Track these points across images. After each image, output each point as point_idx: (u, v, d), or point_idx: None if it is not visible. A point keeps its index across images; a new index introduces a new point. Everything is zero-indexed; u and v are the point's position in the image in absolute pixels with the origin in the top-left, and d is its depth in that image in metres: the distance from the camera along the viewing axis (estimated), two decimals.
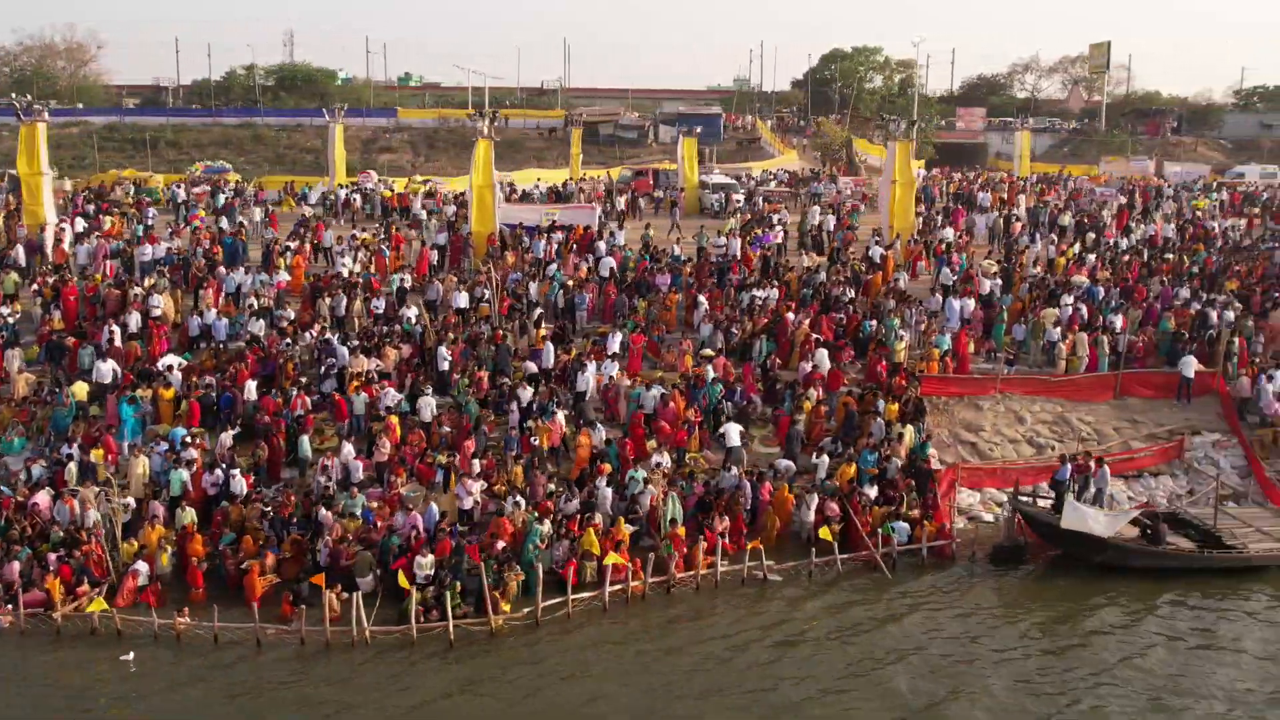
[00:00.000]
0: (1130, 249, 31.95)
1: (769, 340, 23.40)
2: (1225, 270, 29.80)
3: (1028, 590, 18.01)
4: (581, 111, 69.34)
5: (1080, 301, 25.81)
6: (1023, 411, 23.16)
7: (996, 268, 27.79)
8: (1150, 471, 22.14)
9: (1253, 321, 26.02)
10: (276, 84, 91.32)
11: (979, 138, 77.14)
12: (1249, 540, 18.60)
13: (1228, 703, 14.33)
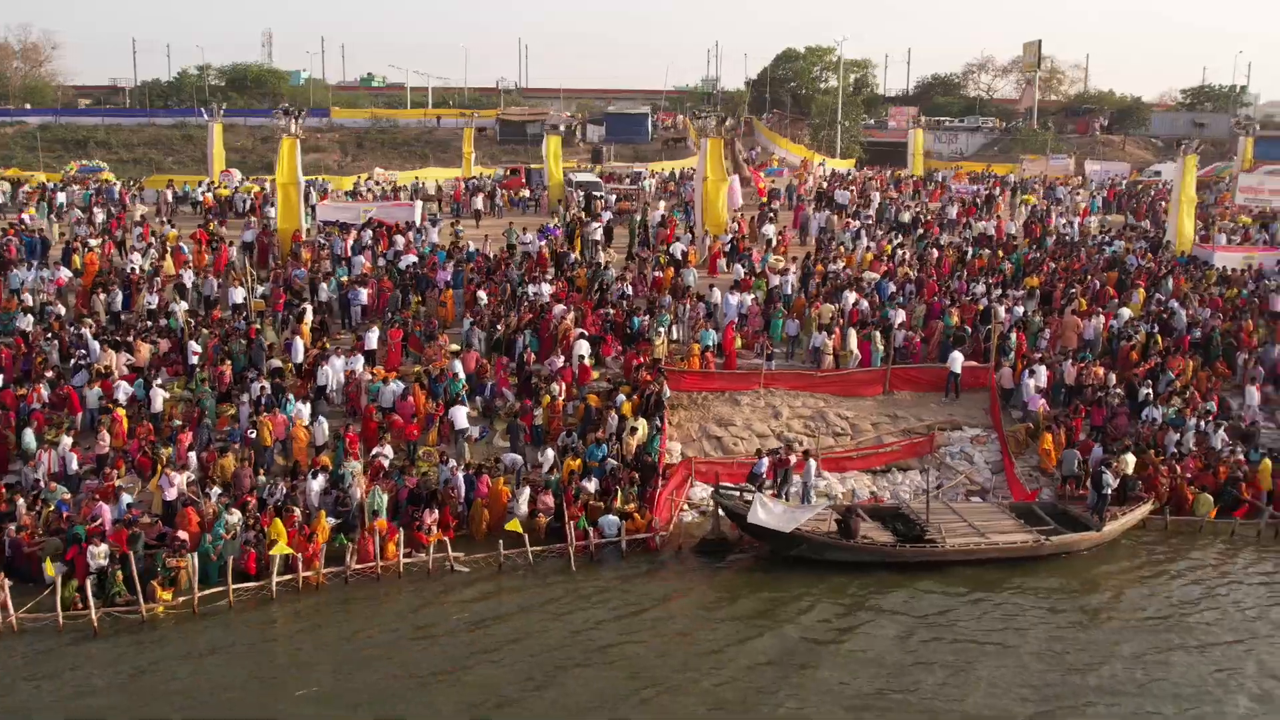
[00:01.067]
0: (952, 245, 31.92)
1: (533, 335, 23.53)
2: (1037, 266, 29.78)
3: (700, 582, 18.02)
4: (509, 111, 69.63)
5: (866, 297, 25.85)
6: (782, 407, 23.22)
7: (784, 263, 27.84)
8: (899, 466, 22.22)
9: (1040, 318, 26.02)
10: (228, 84, 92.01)
11: (908, 137, 76.78)
12: (949, 535, 18.60)
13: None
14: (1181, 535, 20.11)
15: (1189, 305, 26.72)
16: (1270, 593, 17.86)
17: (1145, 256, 31.56)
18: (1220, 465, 21.15)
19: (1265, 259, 30.79)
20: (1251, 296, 27.95)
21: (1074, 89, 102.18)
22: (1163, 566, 18.94)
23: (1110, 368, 24.38)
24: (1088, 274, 29.28)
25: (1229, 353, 25.26)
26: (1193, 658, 15.49)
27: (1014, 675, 14.86)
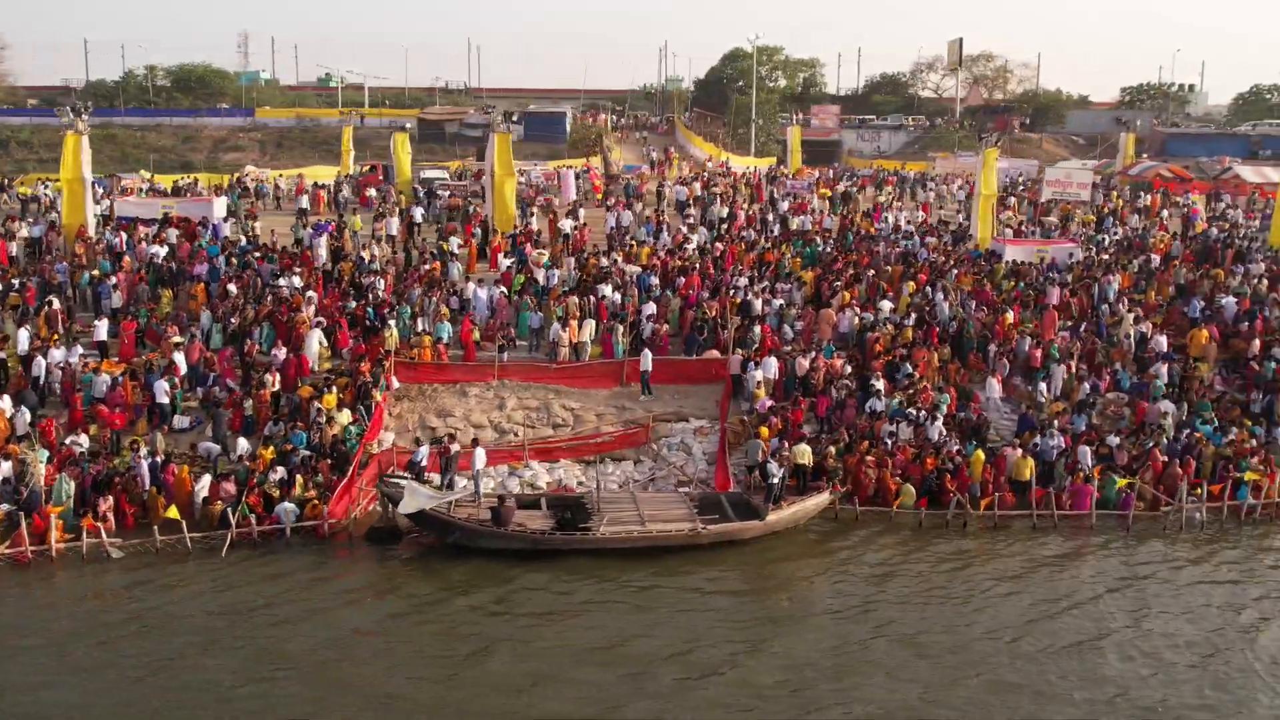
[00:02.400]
0: (742, 238, 32.04)
1: (270, 327, 23.76)
2: (828, 260, 29.90)
3: (350, 568, 18.12)
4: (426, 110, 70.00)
5: (622, 291, 26.01)
6: (510, 398, 23.38)
7: (545, 256, 28.00)
8: (613, 456, 22.34)
9: (797, 310, 26.14)
10: (173, 85, 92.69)
11: (833, 135, 76.99)
12: (611, 524, 18.69)
13: None
14: (875, 525, 20.19)
15: (951, 298, 26.76)
16: (916, 578, 17.94)
17: (938, 250, 31.60)
18: (928, 457, 21.22)
19: (1057, 252, 30.78)
20: (1027, 289, 27.98)
21: (1022, 87, 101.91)
22: (834, 555, 19.02)
23: (859, 360, 24.49)
24: (872, 268, 29.34)
25: (983, 345, 25.34)
26: (796, 639, 15.71)
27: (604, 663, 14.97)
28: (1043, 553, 19.09)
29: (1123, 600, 17.19)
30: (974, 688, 14.43)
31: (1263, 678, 14.78)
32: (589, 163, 50.22)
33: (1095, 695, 14.25)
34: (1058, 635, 15.85)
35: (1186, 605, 17.03)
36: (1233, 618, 16.67)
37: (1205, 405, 23.64)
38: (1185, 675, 14.83)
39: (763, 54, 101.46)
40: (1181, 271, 29.87)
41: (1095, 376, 24.71)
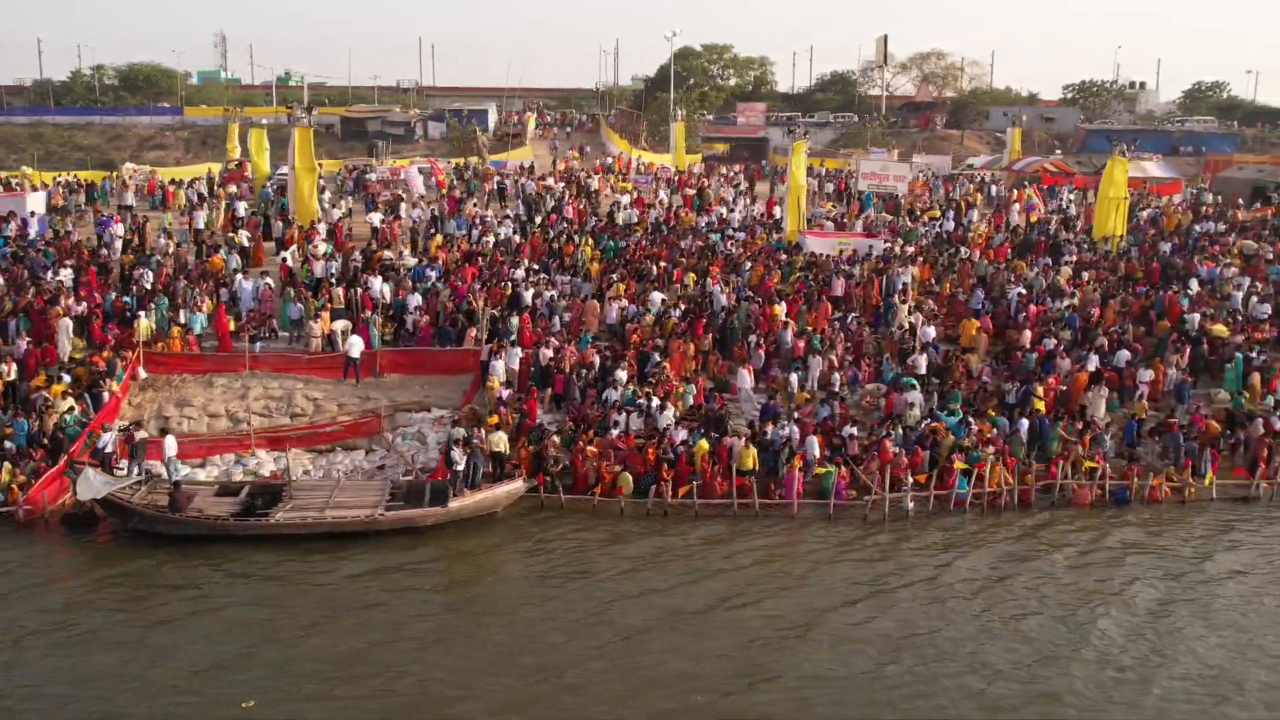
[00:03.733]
0: (548, 230, 32.20)
1: (26, 317, 23.97)
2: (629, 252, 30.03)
3: (33, 554, 18.39)
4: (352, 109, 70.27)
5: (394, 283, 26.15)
6: (256, 388, 23.53)
7: (322, 248, 28.17)
8: (345, 445, 22.48)
9: (566, 301, 26.25)
10: (120, 84, 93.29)
11: (759, 132, 76.97)
12: (286, 511, 18.79)
13: None
14: (580, 514, 20.22)
15: (727, 290, 26.81)
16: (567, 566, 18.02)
17: (744, 244, 31.68)
18: (649, 447, 21.28)
19: (860, 244, 30.76)
20: (810, 280, 28.02)
21: (973, 84, 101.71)
22: (515, 543, 19.09)
23: (618, 350, 24.57)
24: (669, 260, 29.41)
25: (747, 335, 25.38)
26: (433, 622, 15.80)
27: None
28: (730, 543, 19.06)
29: (756, 587, 17.14)
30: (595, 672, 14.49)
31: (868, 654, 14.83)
32: (434, 160, 50.16)
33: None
34: (711, 624, 15.88)
35: (802, 588, 17.15)
36: (847, 599, 16.78)
37: (955, 396, 23.64)
38: (806, 650, 15.07)
39: (711, 52, 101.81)
40: (983, 264, 29.84)
41: (856, 368, 24.72)
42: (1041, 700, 13.90)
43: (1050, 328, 26.17)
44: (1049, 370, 24.48)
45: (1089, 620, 16.07)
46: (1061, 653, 15.09)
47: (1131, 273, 30.16)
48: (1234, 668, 14.81)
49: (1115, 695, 14.07)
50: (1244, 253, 32.19)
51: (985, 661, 14.85)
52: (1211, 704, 13.88)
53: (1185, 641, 15.50)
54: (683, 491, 20.36)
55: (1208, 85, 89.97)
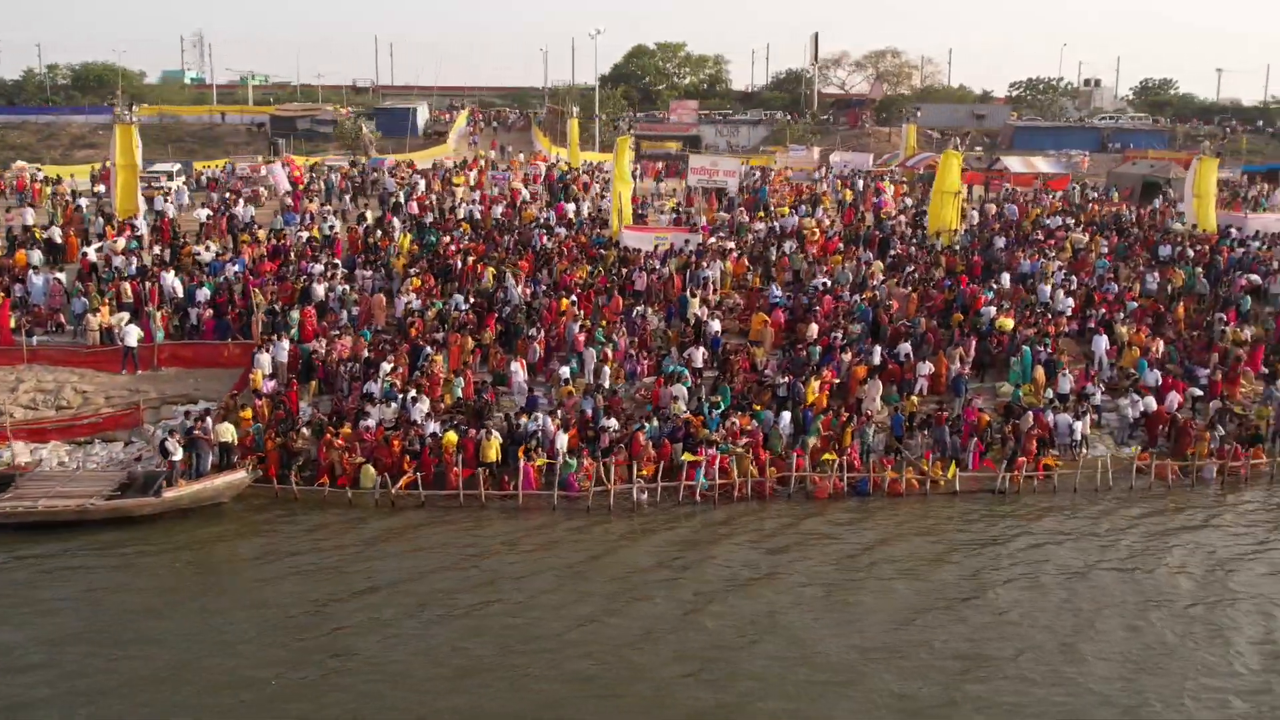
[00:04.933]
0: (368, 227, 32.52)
1: None
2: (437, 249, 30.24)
3: None
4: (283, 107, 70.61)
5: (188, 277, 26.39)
6: (29, 381, 23.73)
7: (122, 243, 28.43)
8: (104, 437, 22.65)
9: (356, 296, 26.44)
10: (73, 83, 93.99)
11: (691, 130, 77.01)
12: (20, 500, 19.03)
13: None
14: (312, 505, 20.34)
15: (521, 286, 26.94)
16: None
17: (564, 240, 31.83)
18: (394, 439, 21.43)
19: (676, 239, 30.80)
20: (613, 275, 28.15)
21: (927, 82, 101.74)
22: (234, 533, 19.30)
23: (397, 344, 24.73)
24: (476, 254, 29.59)
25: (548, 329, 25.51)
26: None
27: None
28: (452, 535, 19.17)
29: (454, 576, 17.33)
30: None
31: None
32: (290, 158, 50.33)
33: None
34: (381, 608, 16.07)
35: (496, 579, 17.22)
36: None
37: (723, 390, 23.71)
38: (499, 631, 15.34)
39: (665, 50, 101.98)
40: (799, 259, 29.89)
41: (636, 361, 24.82)
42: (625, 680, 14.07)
43: (840, 321, 26.21)
44: (827, 363, 24.53)
45: (697, 609, 16.21)
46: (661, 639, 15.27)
47: (952, 267, 30.16)
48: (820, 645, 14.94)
49: (705, 674, 14.19)
50: (1074, 246, 32.15)
51: (574, 641, 15.12)
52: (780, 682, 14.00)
53: (783, 628, 15.65)
54: (405, 482, 20.49)
55: (1156, 82, 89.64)
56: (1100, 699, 13.82)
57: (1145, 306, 28.30)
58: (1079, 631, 15.59)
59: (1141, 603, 16.57)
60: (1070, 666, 14.61)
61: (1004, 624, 15.85)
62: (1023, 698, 13.83)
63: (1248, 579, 17.53)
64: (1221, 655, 14.97)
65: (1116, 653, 15.01)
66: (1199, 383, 25.35)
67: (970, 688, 14.04)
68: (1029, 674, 14.40)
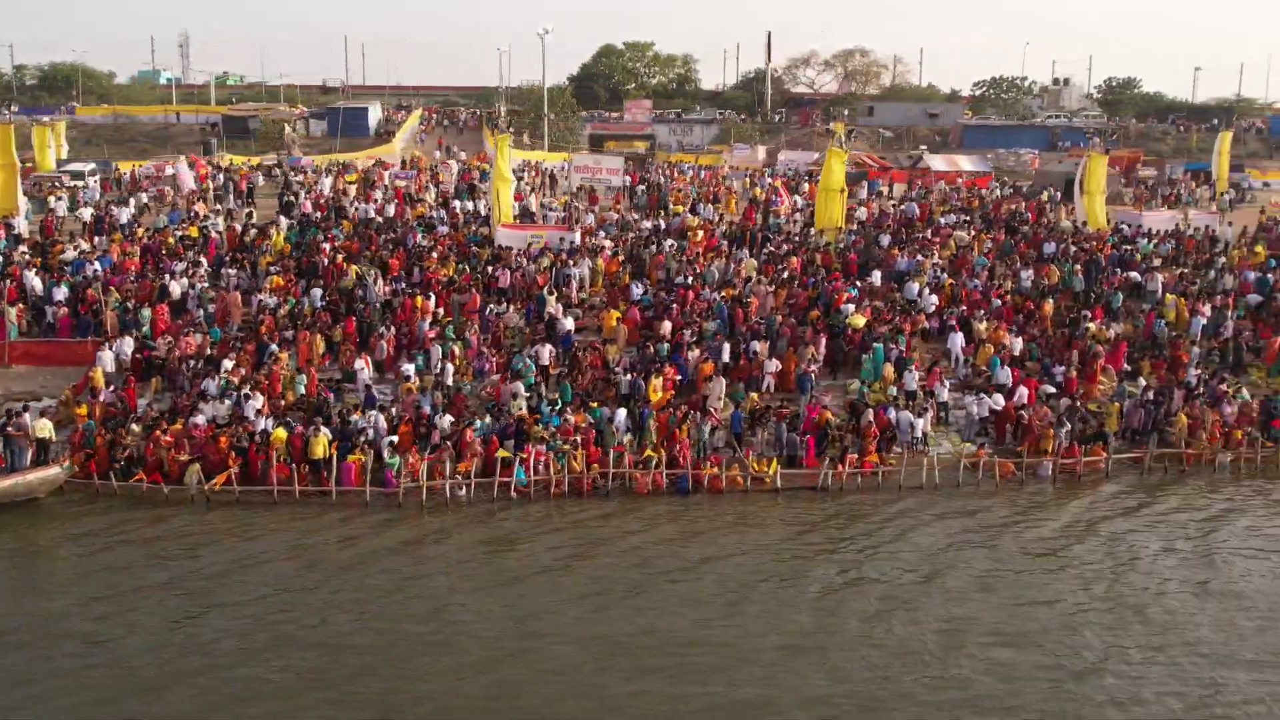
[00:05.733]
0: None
1: None
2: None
3: None
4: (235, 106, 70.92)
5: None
6: None
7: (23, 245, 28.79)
8: None
9: (214, 293, 26.62)
10: (39, 83, 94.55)
11: (646, 129, 77.07)
12: None
13: None
14: (130, 500, 20.43)
15: (382, 284, 27.09)
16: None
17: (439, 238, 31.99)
18: (222, 436, 21.55)
19: (551, 237, 30.87)
20: (477, 273, 28.28)
21: (896, 82, 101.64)
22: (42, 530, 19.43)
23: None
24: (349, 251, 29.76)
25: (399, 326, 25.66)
26: None
27: None
28: (253, 531, 19.29)
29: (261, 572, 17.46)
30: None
31: None
32: (195, 157, 50.57)
33: None
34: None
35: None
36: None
37: (564, 387, 23.81)
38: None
39: (633, 50, 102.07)
40: (673, 257, 29.97)
41: (486, 359, 24.91)
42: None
43: (694, 318, 26.27)
44: (674, 360, 24.59)
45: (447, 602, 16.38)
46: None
47: (828, 264, 30.20)
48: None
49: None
50: (957, 244, 32.16)
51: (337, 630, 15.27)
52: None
53: (555, 622, 15.78)
54: (221, 479, 20.60)
55: (1120, 81, 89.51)
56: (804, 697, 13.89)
57: (1016, 304, 28.29)
58: (822, 630, 15.66)
59: (881, 598, 16.65)
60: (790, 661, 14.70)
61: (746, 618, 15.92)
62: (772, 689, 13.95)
63: (1036, 578, 17.53)
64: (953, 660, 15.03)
65: (855, 654, 15.07)
66: (1055, 380, 25.37)
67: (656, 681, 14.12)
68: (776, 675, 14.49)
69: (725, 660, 14.69)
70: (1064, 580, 17.43)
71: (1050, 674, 14.38)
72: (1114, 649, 15.07)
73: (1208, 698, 13.87)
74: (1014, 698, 13.84)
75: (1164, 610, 16.25)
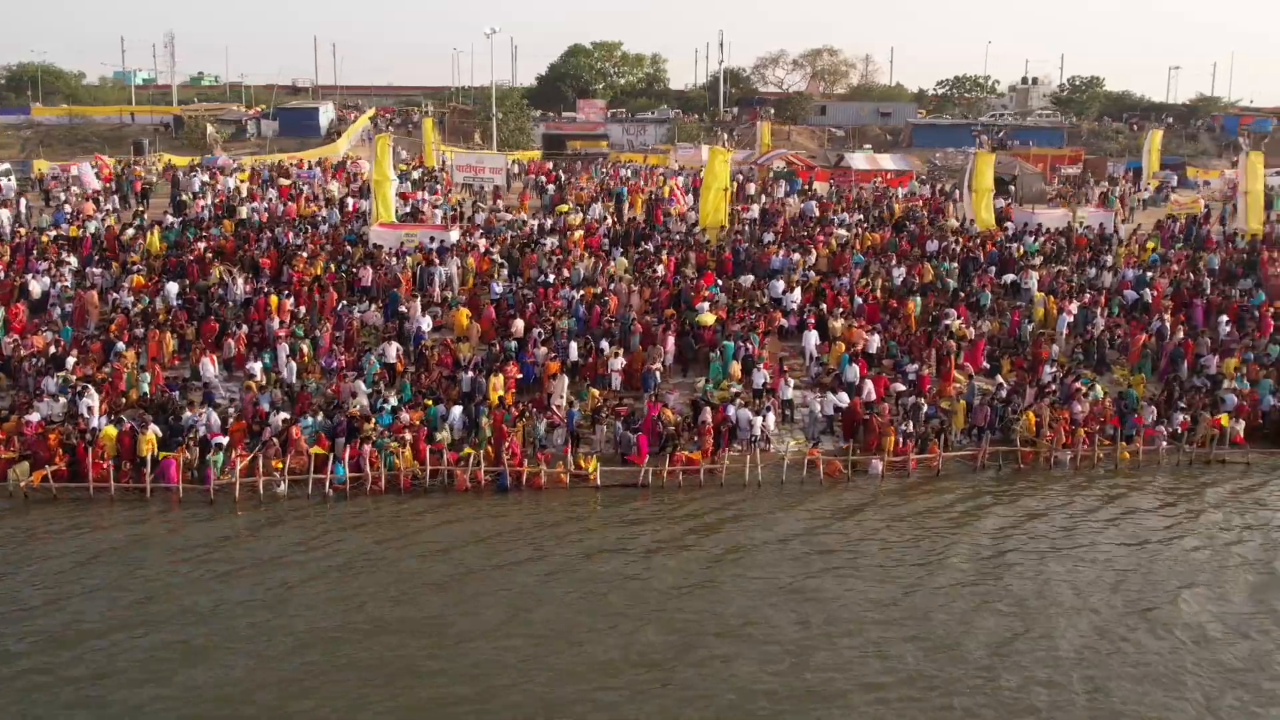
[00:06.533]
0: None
1: None
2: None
3: None
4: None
5: None
6: None
7: None
8: None
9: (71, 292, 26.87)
10: (7, 83, 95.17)
11: (599, 129, 77.23)
12: None
13: None
14: None
15: (245, 282, 27.33)
16: None
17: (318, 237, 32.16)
18: (51, 433, 21.73)
19: (424, 235, 30.87)
20: (342, 272, 28.47)
21: (865, 81, 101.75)
22: None
23: None
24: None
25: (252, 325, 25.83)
26: None
27: None
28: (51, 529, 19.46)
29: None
30: None
31: None
32: (99, 156, 50.83)
33: None
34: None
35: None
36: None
37: (404, 385, 23.96)
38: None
39: (601, 49, 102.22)
40: (544, 256, 30.09)
41: (334, 356, 25.05)
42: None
43: (549, 317, 26.39)
44: (519, 358, 24.73)
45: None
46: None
47: (702, 263, 30.28)
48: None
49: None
50: (837, 242, 32.20)
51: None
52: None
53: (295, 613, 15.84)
54: (38, 476, 20.77)
55: (1084, 80, 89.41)
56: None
57: (880, 302, 28.34)
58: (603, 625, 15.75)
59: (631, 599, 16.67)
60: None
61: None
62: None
63: (814, 580, 17.56)
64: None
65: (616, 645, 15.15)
66: (907, 378, 25.43)
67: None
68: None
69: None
70: (840, 580, 17.40)
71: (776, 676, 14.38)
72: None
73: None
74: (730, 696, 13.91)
75: (951, 616, 16.08)
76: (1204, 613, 16.20)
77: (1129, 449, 23.93)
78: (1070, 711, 13.53)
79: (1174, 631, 15.63)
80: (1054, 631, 15.55)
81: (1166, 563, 18.26)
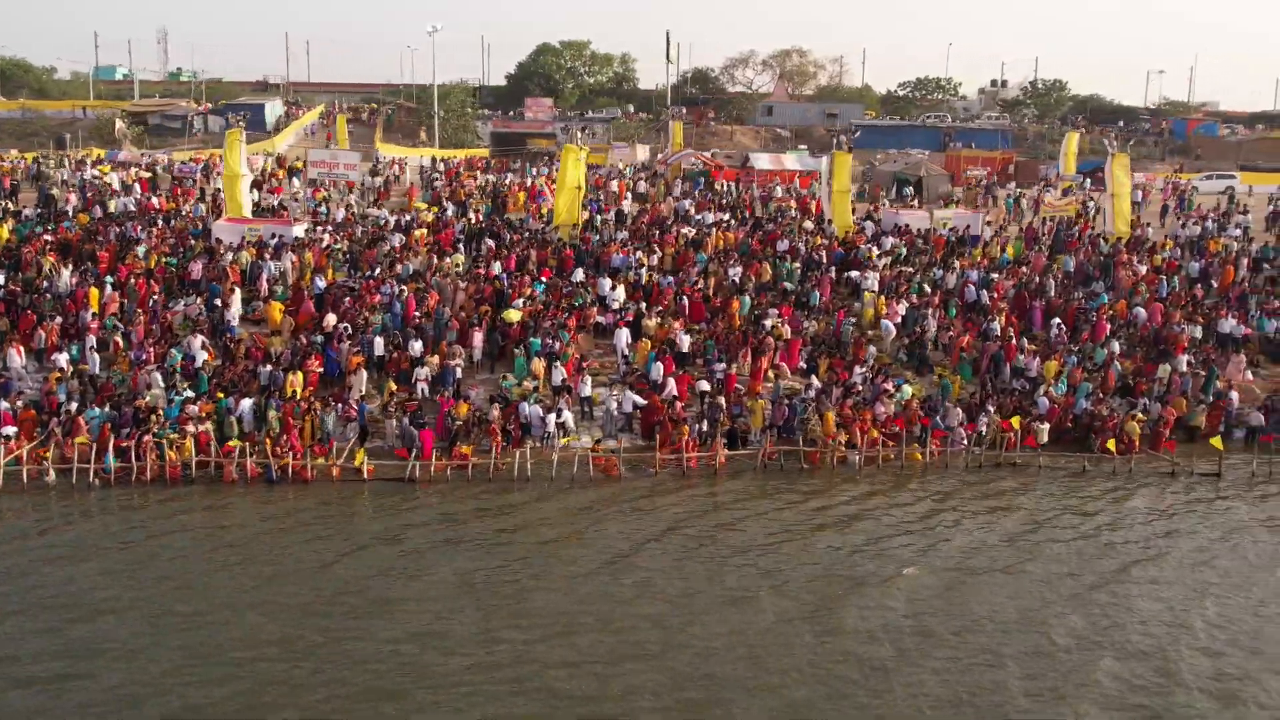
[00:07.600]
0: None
1: None
2: None
3: None
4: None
5: None
6: None
7: None
8: None
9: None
10: None
11: (547, 128, 77.46)
12: None
13: None
14: None
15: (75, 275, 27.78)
16: None
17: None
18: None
19: (266, 230, 31.19)
20: (176, 265, 28.89)
21: (834, 82, 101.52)
22: None
23: None
24: None
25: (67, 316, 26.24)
26: None
27: None
28: None
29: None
30: None
31: None
32: None
33: None
34: None
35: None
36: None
37: (202, 378, 24.22)
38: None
39: (569, 48, 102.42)
40: (384, 253, 30.38)
41: (144, 349, 25.36)
42: None
43: (364, 312, 26.68)
44: (323, 352, 25.00)
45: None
46: None
47: (543, 260, 30.46)
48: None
49: None
50: (684, 240, 32.31)
51: None
52: None
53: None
54: None
55: (1047, 83, 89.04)
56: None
57: (708, 300, 28.47)
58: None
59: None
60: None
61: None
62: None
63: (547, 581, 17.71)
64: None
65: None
66: (714, 377, 25.53)
67: None
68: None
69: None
70: (559, 582, 17.49)
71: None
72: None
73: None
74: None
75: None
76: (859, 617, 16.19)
77: (920, 450, 23.94)
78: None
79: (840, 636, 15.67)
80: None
81: (843, 562, 18.25)
